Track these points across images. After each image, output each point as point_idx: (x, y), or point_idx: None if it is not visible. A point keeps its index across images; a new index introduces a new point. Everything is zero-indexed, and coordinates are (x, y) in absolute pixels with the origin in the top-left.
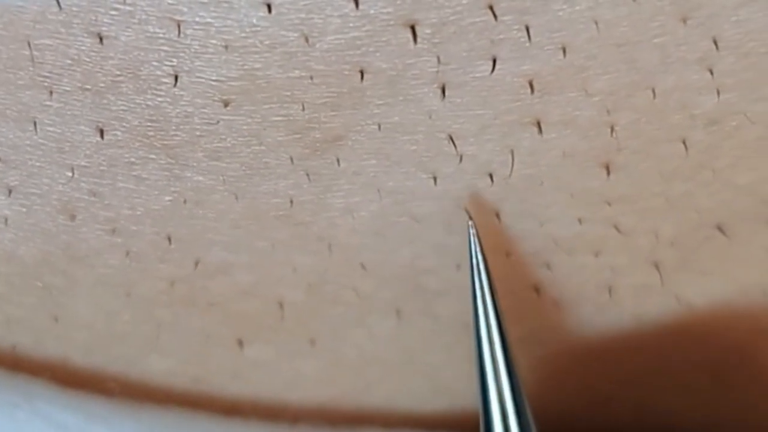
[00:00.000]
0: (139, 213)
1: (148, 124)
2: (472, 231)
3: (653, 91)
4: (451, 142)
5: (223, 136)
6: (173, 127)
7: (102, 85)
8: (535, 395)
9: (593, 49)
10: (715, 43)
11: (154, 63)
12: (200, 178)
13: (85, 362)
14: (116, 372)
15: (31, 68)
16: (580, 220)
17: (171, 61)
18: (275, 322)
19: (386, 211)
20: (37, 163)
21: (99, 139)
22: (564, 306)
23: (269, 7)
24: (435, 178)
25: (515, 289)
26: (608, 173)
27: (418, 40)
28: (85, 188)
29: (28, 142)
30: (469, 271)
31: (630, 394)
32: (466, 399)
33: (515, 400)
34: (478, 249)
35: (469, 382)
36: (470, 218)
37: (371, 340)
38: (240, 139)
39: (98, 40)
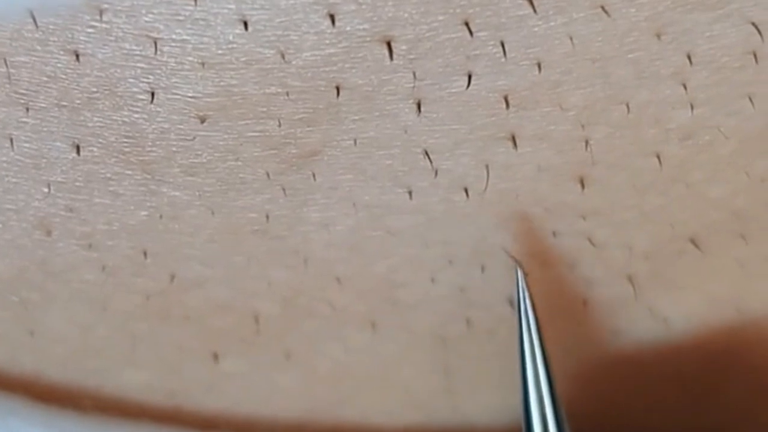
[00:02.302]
0: (115, 228)
1: (125, 140)
2: (520, 275)
3: (627, 105)
4: (426, 156)
5: (200, 152)
6: (149, 143)
7: (78, 101)
8: (504, 409)
9: (568, 65)
10: (689, 58)
11: (131, 80)
12: (176, 193)
13: (60, 377)
14: (92, 386)
15: (7, 85)
16: (554, 234)
17: (147, 78)
18: (250, 336)
19: (362, 226)
20: (14, 180)
21: (75, 155)
22: (538, 319)
23: (245, 24)
24: (410, 193)
25: (490, 303)
26: (583, 187)
27: (394, 56)
28: (62, 204)
29: (4, 159)
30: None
31: (603, 409)
32: (439, 412)
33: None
34: (525, 292)
35: (443, 397)
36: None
37: (346, 353)
38: (216, 154)
39: (75, 57)
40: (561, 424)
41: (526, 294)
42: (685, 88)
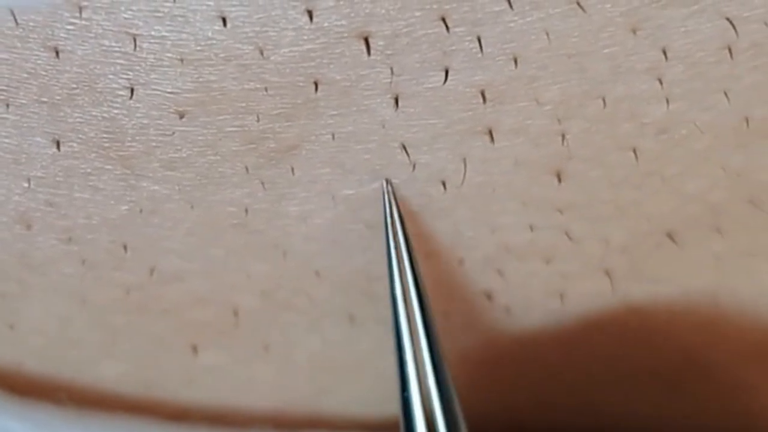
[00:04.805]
0: (94, 222)
1: (104, 135)
2: (387, 189)
3: (603, 100)
4: (404, 150)
5: (179, 147)
6: (129, 139)
7: (58, 97)
8: (482, 399)
9: (544, 60)
10: (664, 53)
11: (110, 76)
12: (156, 187)
13: (39, 369)
14: (70, 379)
15: None
16: (531, 228)
17: (127, 74)
18: (229, 329)
19: (340, 219)
20: None
21: (55, 150)
22: (515, 312)
23: (224, 20)
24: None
25: (468, 295)
26: (559, 181)
27: (372, 51)
28: (42, 198)
29: None
30: (383, 234)
31: (579, 400)
32: None
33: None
34: (394, 208)
35: None
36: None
37: (324, 345)
38: (195, 149)
39: (54, 53)
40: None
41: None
42: (661, 83)
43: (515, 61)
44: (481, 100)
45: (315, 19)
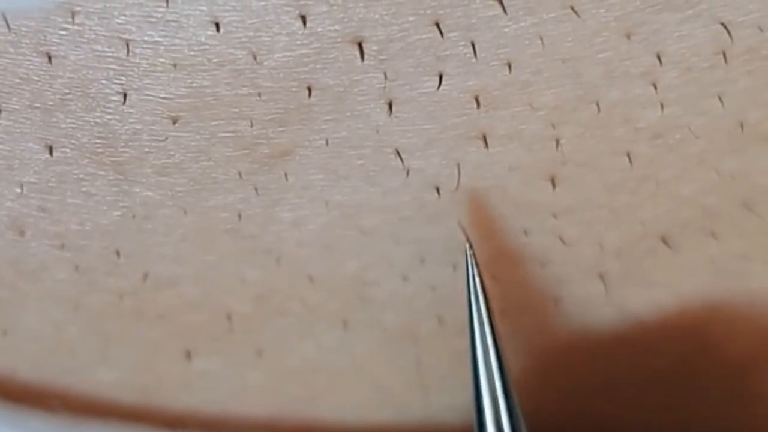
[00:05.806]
0: (87, 228)
1: (97, 141)
2: (470, 253)
3: (598, 105)
4: (398, 156)
5: (172, 153)
6: (122, 144)
7: (51, 103)
8: None
9: (538, 65)
10: (659, 58)
11: (103, 81)
12: (149, 193)
13: (32, 376)
14: (64, 385)
15: None
16: (526, 232)
17: (120, 80)
18: (223, 334)
19: (334, 224)
20: None
21: (48, 156)
22: (510, 316)
23: (217, 25)
24: (382, 192)
25: (463, 301)
26: (553, 186)
27: (365, 56)
28: (34, 204)
29: None
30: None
31: (575, 406)
32: (412, 409)
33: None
34: (476, 272)
35: (415, 393)
36: (469, 244)
37: (318, 351)
38: (188, 155)
39: (47, 59)
40: (514, 416)
41: (476, 271)
42: (655, 87)
43: (509, 66)
44: (475, 105)
45: (308, 24)
